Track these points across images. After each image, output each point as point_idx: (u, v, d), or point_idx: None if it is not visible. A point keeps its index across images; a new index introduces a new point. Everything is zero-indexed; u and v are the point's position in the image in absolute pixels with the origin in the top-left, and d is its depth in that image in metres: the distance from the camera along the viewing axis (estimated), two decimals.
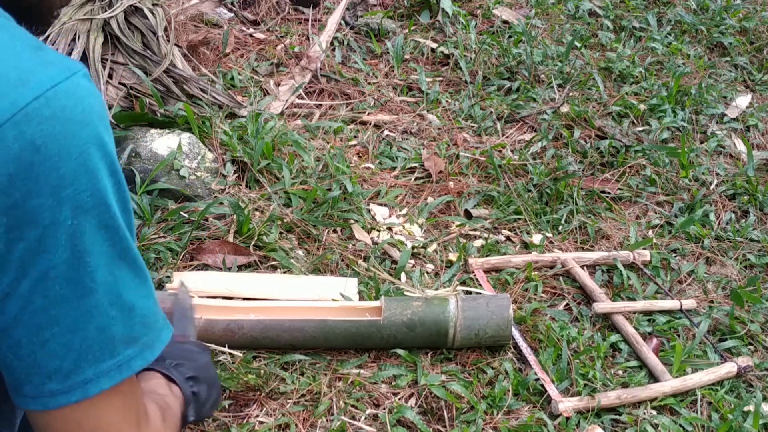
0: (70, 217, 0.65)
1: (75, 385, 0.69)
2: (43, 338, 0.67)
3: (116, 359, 0.70)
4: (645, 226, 2.19)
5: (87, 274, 0.67)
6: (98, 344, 0.69)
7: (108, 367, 0.70)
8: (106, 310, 0.69)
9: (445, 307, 1.62)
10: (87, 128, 0.65)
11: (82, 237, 0.66)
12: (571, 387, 1.63)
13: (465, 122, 2.52)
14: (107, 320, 0.69)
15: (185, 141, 1.99)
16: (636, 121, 2.62)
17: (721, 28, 3.25)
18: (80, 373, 0.69)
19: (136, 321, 0.72)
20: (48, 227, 0.64)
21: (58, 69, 0.65)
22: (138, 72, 2.16)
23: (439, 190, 2.18)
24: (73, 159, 0.64)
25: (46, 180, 0.63)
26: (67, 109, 0.64)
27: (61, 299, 0.67)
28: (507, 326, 1.63)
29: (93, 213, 0.66)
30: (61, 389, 0.69)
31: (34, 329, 0.67)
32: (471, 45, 2.86)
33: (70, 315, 0.67)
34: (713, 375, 1.69)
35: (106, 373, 0.70)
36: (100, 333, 0.69)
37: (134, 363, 0.72)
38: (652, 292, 1.93)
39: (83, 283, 0.67)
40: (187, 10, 2.72)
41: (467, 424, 1.50)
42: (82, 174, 0.65)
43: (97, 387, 0.69)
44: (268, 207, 1.96)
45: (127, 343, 0.71)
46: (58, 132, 0.63)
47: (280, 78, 2.59)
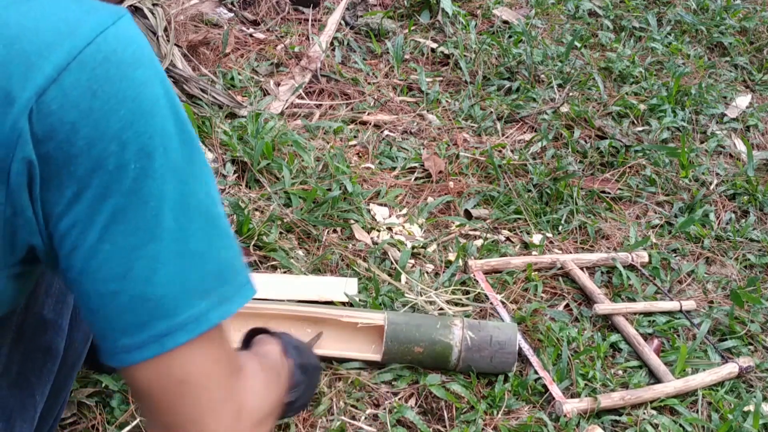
0: (133, 159, 0.64)
1: (150, 340, 0.66)
2: (111, 290, 0.65)
3: (191, 311, 0.67)
4: (645, 226, 2.19)
5: (153, 219, 0.65)
6: (170, 295, 0.66)
7: (183, 320, 0.67)
8: (173, 258, 0.66)
9: (449, 355, 1.58)
10: (140, 69, 0.65)
11: (146, 180, 0.64)
12: (571, 387, 1.63)
13: (465, 122, 2.52)
14: (177, 269, 0.67)
15: None
16: (636, 121, 2.62)
17: (721, 28, 3.25)
18: (154, 326, 0.66)
19: (209, 272, 0.69)
20: (113, 172, 0.63)
21: (105, 15, 0.65)
22: None
23: (439, 190, 2.18)
24: (130, 101, 0.64)
25: (107, 124, 0.63)
26: (118, 52, 0.64)
27: (127, 247, 0.65)
28: (512, 363, 1.61)
29: (157, 155, 0.65)
30: (135, 344, 0.66)
31: (101, 281, 0.65)
32: (471, 45, 2.86)
33: (137, 264, 0.65)
34: (715, 375, 1.69)
35: (183, 326, 0.67)
36: (170, 282, 0.67)
37: (212, 315, 0.68)
38: (652, 293, 1.93)
39: (149, 228, 0.65)
40: (187, 10, 2.72)
41: (467, 424, 1.50)
42: (141, 116, 0.64)
43: (172, 341, 0.67)
44: (268, 207, 1.96)
45: (201, 295, 0.68)
46: (112, 75, 0.63)
47: (280, 78, 2.59)
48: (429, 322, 1.60)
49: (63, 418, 1.39)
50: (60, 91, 0.62)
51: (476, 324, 1.62)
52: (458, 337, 1.58)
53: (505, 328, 1.62)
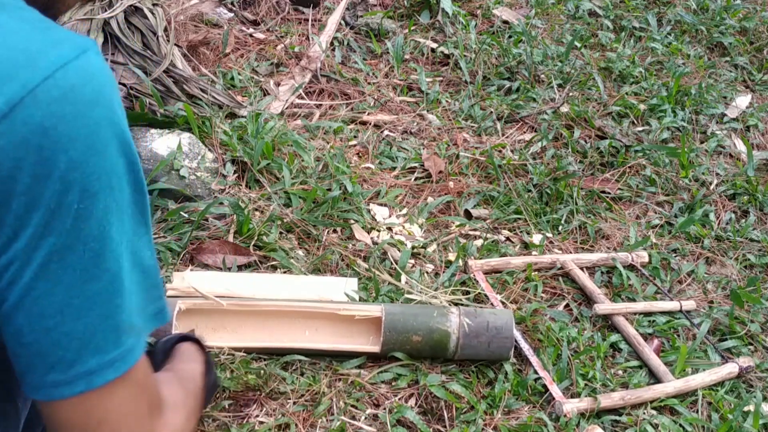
0: (77, 201, 0.63)
1: (78, 376, 0.66)
2: (45, 326, 0.65)
3: (121, 349, 0.68)
4: (645, 226, 2.19)
5: (92, 259, 0.65)
6: (102, 333, 0.67)
7: (112, 357, 0.67)
8: (110, 297, 0.67)
9: (447, 342, 1.59)
10: (98, 108, 0.63)
11: (88, 220, 0.64)
12: (571, 387, 1.63)
13: (465, 122, 2.52)
14: (112, 308, 0.67)
15: (185, 141, 1.99)
16: (636, 121, 2.62)
17: (721, 28, 3.25)
18: (83, 363, 0.66)
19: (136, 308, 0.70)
20: (54, 211, 0.62)
21: (68, 47, 0.63)
22: (138, 72, 2.16)
23: (439, 190, 2.18)
24: (82, 140, 0.62)
25: (55, 164, 0.61)
26: (77, 89, 0.62)
27: (64, 285, 0.64)
28: (510, 348, 1.62)
29: (101, 196, 0.64)
30: (63, 380, 0.66)
31: (36, 317, 0.65)
32: (471, 45, 2.86)
33: (73, 302, 0.65)
34: (715, 375, 1.69)
35: (111, 364, 0.67)
36: (104, 321, 0.67)
37: (136, 351, 0.69)
38: (651, 292, 1.93)
39: (87, 268, 0.65)
40: (187, 10, 2.72)
41: (467, 424, 1.50)
42: (91, 156, 0.63)
43: (101, 378, 0.67)
44: (268, 207, 1.96)
45: (128, 332, 0.69)
46: (67, 113, 0.62)
47: (280, 78, 2.59)
48: (426, 311, 1.62)
49: None
50: (10, 126, 0.60)
51: (472, 311, 1.63)
52: (455, 324, 1.59)
53: (500, 314, 1.64)
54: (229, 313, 1.60)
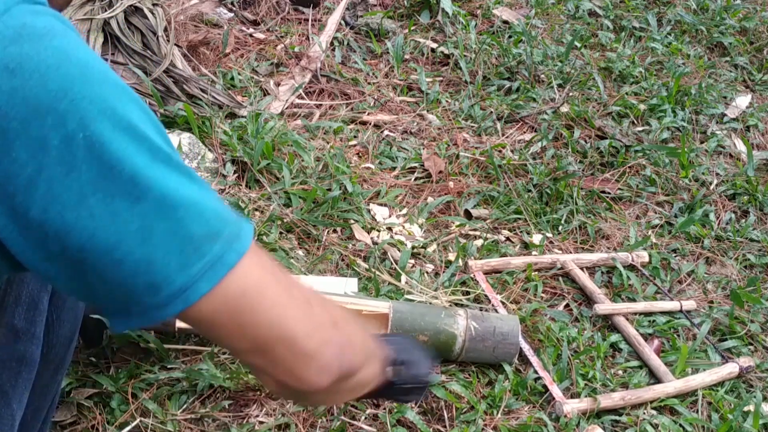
0: (79, 129, 0.60)
1: (173, 296, 0.65)
2: (115, 259, 0.63)
3: (205, 259, 0.65)
4: (645, 226, 2.19)
5: (127, 182, 0.62)
6: (177, 249, 0.64)
7: (199, 269, 0.65)
8: (167, 211, 0.64)
9: (452, 344, 1.59)
10: (56, 38, 0.62)
11: (102, 146, 0.61)
12: (571, 387, 1.63)
13: (465, 122, 2.52)
14: (175, 222, 0.64)
15: (185, 141, 1.99)
16: (636, 121, 2.62)
17: (721, 28, 3.25)
18: (171, 283, 0.65)
19: (209, 215, 0.66)
20: (60, 147, 0.60)
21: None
22: (138, 72, 2.16)
23: (439, 190, 2.18)
24: (54, 70, 0.60)
25: (37, 99, 0.59)
26: (28, 26, 0.61)
27: (111, 215, 0.62)
28: (514, 354, 1.62)
29: (103, 118, 0.61)
30: (161, 302, 0.65)
31: (101, 253, 0.63)
32: (471, 45, 2.86)
33: (129, 228, 0.63)
34: (716, 375, 1.69)
35: (202, 276, 0.65)
36: (173, 237, 0.64)
37: (227, 257, 0.67)
38: (652, 293, 1.93)
39: (127, 191, 0.62)
40: (187, 10, 2.72)
41: (467, 424, 1.50)
42: (71, 82, 0.61)
43: (195, 293, 0.65)
44: (268, 207, 1.96)
45: (210, 240, 0.66)
46: (27, 49, 0.60)
47: (280, 78, 2.59)
48: (433, 312, 1.62)
49: (62, 419, 1.40)
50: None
51: (479, 315, 1.63)
52: (462, 326, 1.59)
53: (507, 320, 1.64)
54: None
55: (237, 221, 0.69)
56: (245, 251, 0.68)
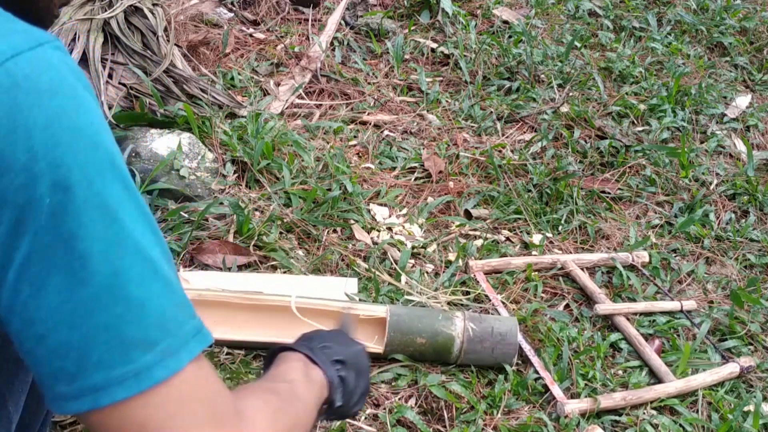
0: (47, 194, 0.58)
1: (84, 391, 0.60)
2: (38, 333, 0.60)
3: (131, 366, 0.60)
4: (645, 226, 2.19)
5: (77, 261, 0.59)
6: (104, 345, 0.60)
7: (121, 374, 0.60)
8: (107, 305, 0.60)
9: (451, 346, 1.59)
10: (57, 97, 0.59)
11: (65, 216, 0.58)
12: (571, 387, 1.62)
13: (465, 122, 2.52)
14: (111, 318, 0.60)
15: (185, 141, 1.99)
16: (636, 121, 2.62)
17: (721, 28, 3.25)
18: (87, 377, 0.60)
19: (151, 322, 0.62)
20: (24, 207, 0.58)
21: (23, 39, 0.60)
22: (138, 72, 2.16)
23: (439, 190, 2.18)
24: (41, 130, 0.58)
25: (14, 155, 0.57)
26: (31, 79, 0.59)
27: (50, 289, 0.59)
28: (513, 355, 1.62)
29: (76, 190, 0.59)
30: (69, 393, 0.61)
31: (28, 323, 0.60)
32: (471, 45, 2.86)
33: (63, 308, 0.59)
34: (716, 375, 1.69)
35: (121, 382, 0.60)
36: (104, 332, 0.60)
37: (156, 372, 0.61)
38: (652, 293, 1.93)
39: (73, 270, 0.59)
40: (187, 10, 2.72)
41: (467, 424, 1.50)
42: (54, 146, 0.58)
43: (107, 397, 0.60)
44: (268, 207, 1.96)
45: (143, 348, 0.61)
46: (21, 103, 0.58)
47: (280, 78, 2.59)
48: (431, 314, 1.61)
49: (62, 419, 1.39)
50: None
51: (477, 317, 1.63)
52: (460, 328, 1.58)
53: (505, 321, 1.64)
54: (232, 307, 1.59)
55: (184, 335, 0.64)
56: (178, 370, 0.62)
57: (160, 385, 0.61)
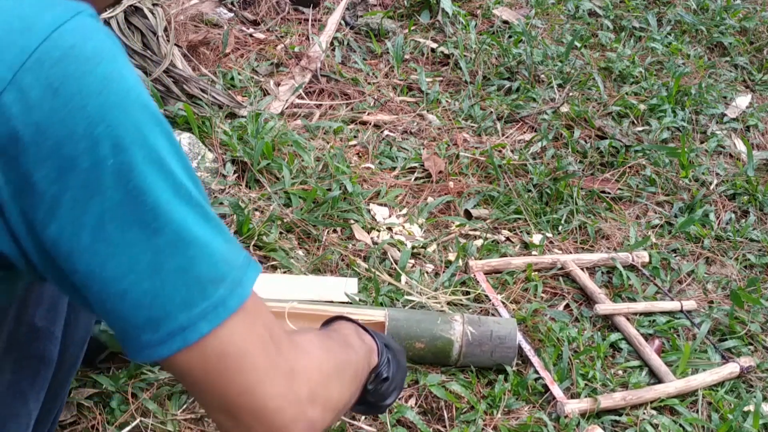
0: (110, 155, 0.61)
1: (172, 334, 0.64)
2: (120, 289, 0.63)
3: (209, 300, 0.65)
4: (645, 226, 2.19)
5: (148, 212, 0.63)
6: (183, 287, 0.64)
7: (202, 310, 0.65)
8: (181, 249, 0.64)
9: (450, 350, 1.58)
10: (102, 64, 0.62)
11: (130, 174, 0.62)
12: (571, 387, 1.63)
13: (465, 122, 2.52)
14: (186, 260, 0.64)
15: (185, 141, 1.99)
16: (636, 121, 2.62)
17: (721, 28, 3.25)
18: (173, 320, 0.64)
19: (218, 258, 0.66)
20: (89, 170, 0.61)
21: (62, 10, 0.62)
22: (138, 72, 2.16)
23: (439, 190, 2.18)
24: (95, 95, 0.61)
25: (74, 121, 0.60)
26: (77, 47, 0.61)
27: (126, 244, 0.62)
28: (512, 357, 1.61)
29: (135, 148, 0.62)
30: (158, 339, 0.64)
31: (109, 281, 0.63)
32: (471, 45, 2.86)
33: (141, 259, 0.63)
34: (716, 375, 1.69)
35: (203, 317, 0.65)
36: (182, 274, 0.64)
37: (230, 302, 0.66)
38: (652, 293, 1.93)
39: (146, 222, 0.63)
40: (187, 10, 2.72)
41: (467, 424, 1.50)
42: (109, 109, 0.62)
43: (195, 333, 0.65)
44: (268, 207, 1.96)
45: (216, 283, 0.66)
46: (72, 71, 0.61)
47: (280, 78, 2.59)
48: (430, 318, 1.61)
49: (62, 419, 1.40)
50: (18, 93, 0.59)
51: (476, 319, 1.62)
52: (459, 332, 1.58)
53: (504, 323, 1.63)
54: None
55: (242, 266, 0.69)
56: (246, 297, 0.68)
57: (234, 314, 0.67)
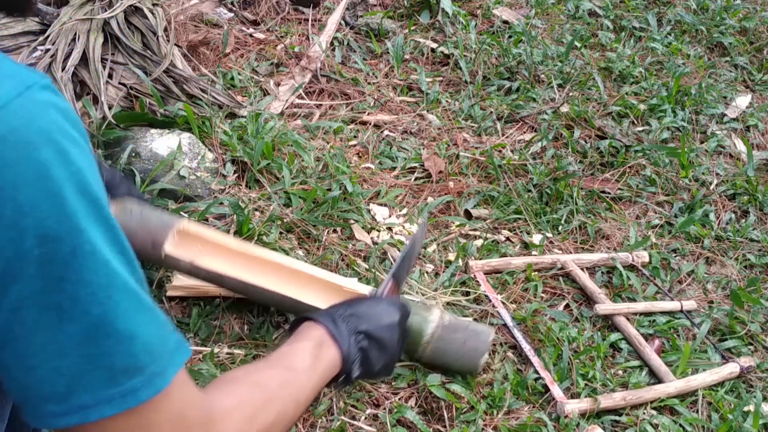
0: (36, 246, 0.60)
1: (73, 409, 0.64)
2: (30, 364, 0.63)
3: (118, 389, 0.65)
4: (645, 226, 2.19)
5: (67, 301, 0.62)
6: (91, 372, 0.64)
7: (109, 395, 0.65)
8: (96, 339, 0.64)
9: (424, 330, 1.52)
10: (44, 148, 0.59)
11: (53, 265, 0.61)
12: (571, 387, 1.63)
13: (465, 122, 2.52)
14: (98, 349, 0.64)
15: (185, 141, 1.99)
16: (636, 121, 2.62)
17: (721, 28, 3.25)
18: (77, 397, 0.64)
19: (139, 350, 0.66)
20: (12, 259, 0.60)
21: (9, 86, 0.59)
22: (138, 72, 2.16)
23: (439, 190, 2.18)
24: (29, 185, 0.59)
25: (2, 211, 0.58)
26: (19, 131, 0.58)
27: (41, 327, 0.62)
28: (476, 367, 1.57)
29: (66, 239, 0.61)
30: (60, 411, 0.65)
31: (19, 356, 0.63)
32: (471, 45, 2.86)
33: (54, 341, 0.63)
34: (716, 375, 1.69)
35: (108, 401, 0.65)
36: (93, 361, 0.64)
37: (141, 393, 0.66)
38: (652, 293, 1.93)
39: (63, 309, 0.62)
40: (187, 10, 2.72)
41: (467, 424, 1.50)
42: (42, 200, 0.59)
43: (96, 413, 0.65)
44: (268, 207, 1.96)
45: (130, 373, 0.65)
46: (8, 157, 0.58)
47: (280, 78, 2.59)
48: (412, 300, 1.61)
49: None
50: None
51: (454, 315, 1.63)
52: (437, 315, 1.53)
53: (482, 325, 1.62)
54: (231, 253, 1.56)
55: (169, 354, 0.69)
56: (163, 388, 0.67)
57: (146, 403, 0.66)
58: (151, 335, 0.67)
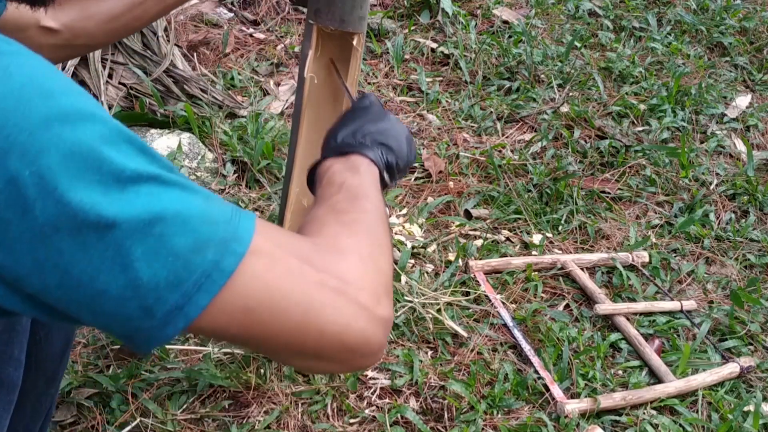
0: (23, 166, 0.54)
1: (170, 314, 0.59)
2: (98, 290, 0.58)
3: (198, 271, 0.59)
4: (645, 226, 2.19)
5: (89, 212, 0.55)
6: (162, 268, 0.58)
7: (194, 282, 0.59)
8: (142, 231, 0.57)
9: None
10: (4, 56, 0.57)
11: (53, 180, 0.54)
12: (571, 387, 1.63)
13: (465, 122, 2.52)
14: (153, 239, 0.57)
15: (185, 141, 1.99)
16: (636, 121, 2.62)
17: (721, 28, 3.25)
18: (164, 303, 0.59)
19: (195, 223, 0.59)
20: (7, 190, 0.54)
21: None
22: (138, 72, 2.16)
23: (439, 190, 2.18)
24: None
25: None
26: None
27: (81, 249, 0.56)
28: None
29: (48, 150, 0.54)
30: (159, 323, 0.59)
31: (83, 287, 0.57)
32: (471, 45, 2.86)
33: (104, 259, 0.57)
34: (716, 375, 1.69)
35: (198, 289, 0.59)
36: (155, 256, 0.57)
37: (224, 263, 0.60)
38: (652, 293, 1.93)
39: (92, 223, 0.56)
40: (187, 10, 2.72)
41: (467, 424, 1.50)
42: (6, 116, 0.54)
43: (194, 308, 0.59)
44: (268, 207, 1.96)
45: (200, 249, 0.59)
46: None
47: (280, 78, 2.59)
48: None
49: (62, 419, 1.40)
50: None
51: None
52: None
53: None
54: None
55: (231, 219, 0.62)
56: (245, 251, 0.61)
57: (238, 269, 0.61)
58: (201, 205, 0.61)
